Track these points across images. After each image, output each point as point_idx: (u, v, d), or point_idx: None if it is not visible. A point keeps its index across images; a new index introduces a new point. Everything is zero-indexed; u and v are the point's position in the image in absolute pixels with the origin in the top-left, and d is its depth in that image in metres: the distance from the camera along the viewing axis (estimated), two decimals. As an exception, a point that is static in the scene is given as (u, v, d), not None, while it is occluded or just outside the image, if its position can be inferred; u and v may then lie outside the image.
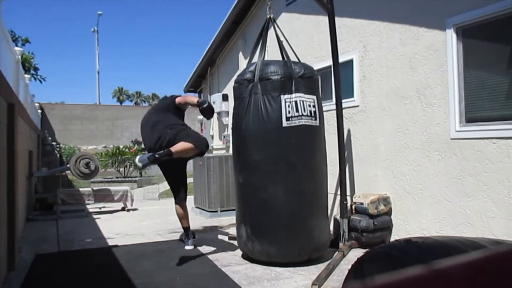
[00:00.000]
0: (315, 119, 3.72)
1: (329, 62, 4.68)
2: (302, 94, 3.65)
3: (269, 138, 3.61)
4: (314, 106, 3.72)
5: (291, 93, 3.62)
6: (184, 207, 4.21)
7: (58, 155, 12.99)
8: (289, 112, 3.58)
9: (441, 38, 3.71)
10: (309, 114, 3.66)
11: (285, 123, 3.58)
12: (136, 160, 3.56)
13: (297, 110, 3.60)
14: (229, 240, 4.60)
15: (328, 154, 3.99)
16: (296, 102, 3.61)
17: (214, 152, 8.70)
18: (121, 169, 13.21)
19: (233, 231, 4.82)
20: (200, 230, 5.31)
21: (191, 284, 3.25)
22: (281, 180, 3.61)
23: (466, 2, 3.47)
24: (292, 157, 3.62)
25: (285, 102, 3.59)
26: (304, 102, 3.65)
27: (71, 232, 5.29)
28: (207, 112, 4.03)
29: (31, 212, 6.59)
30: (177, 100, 4.12)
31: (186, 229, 4.29)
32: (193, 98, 4.41)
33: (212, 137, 9.19)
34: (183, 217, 4.22)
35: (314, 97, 3.76)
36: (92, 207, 7.13)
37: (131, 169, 13.07)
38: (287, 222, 3.60)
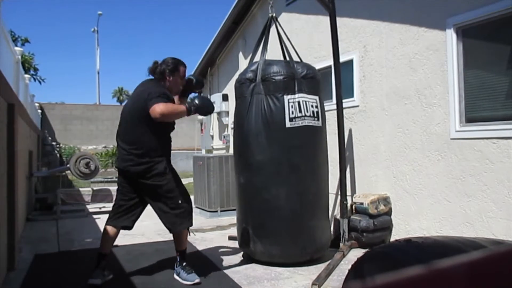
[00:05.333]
0: (318, 120, 3.72)
1: (329, 62, 4.68)
2: (305, 95, 3.64)
3: (272, 138, 3.60)
4: (316, 107, 3.71)
5: (294, 93, 3.60)
6: None
7: (58, 155, 12.98)
8: (292, 112, 3.57)
9: (441, 38, 3.71)
10: (312, 115, 3.65)
11: (288, 124, 3.56)
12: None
13: (300, 111, 3.59)
14: (229, 240, 4.59)
15: (329, 154, 3.99)
16: (299, 102, 3.60)
17: (214, 152, 8.70)
18: (121, 169, 13.19)
19: (233, 231, 4.81)
20: (200, 230, 5.31)
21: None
22: (284, 181, 3.60)
23: (466, 2, 3.47)
24: (295, 158, 3.61)
25: (289, 102, 3.58)
26: (307, 103, 3.64)
27: (71, 232, 5.28)
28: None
29: (31, 212, 6.58)
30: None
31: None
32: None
33: (212, 137, 9.18)
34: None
35: (317, 97, 3.74)
36: (92, 207, 7.12)
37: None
38: (290, 223, 3.59)
